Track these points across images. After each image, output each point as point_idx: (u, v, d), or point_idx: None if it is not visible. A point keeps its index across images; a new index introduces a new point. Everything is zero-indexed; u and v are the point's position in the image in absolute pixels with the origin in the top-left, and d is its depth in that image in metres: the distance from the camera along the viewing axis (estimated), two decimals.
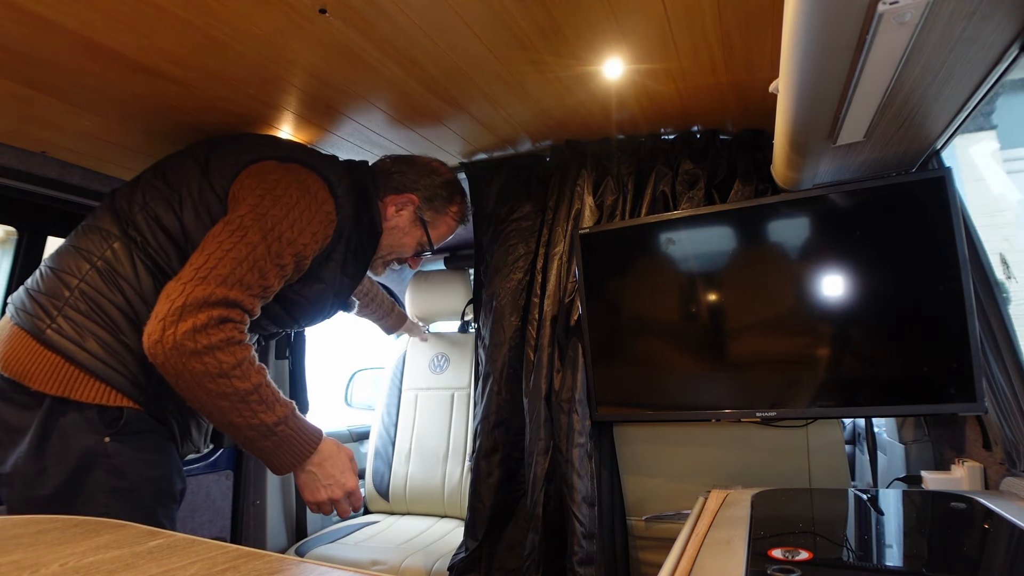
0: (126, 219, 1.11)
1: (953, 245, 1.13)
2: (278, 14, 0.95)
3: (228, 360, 0.95)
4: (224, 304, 0.96)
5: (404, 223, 1.35)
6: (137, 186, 1.16)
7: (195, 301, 0.94)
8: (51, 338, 1.01)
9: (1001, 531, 0.87)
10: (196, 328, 0.93)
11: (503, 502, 1.55)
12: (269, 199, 1.06)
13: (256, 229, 1.02)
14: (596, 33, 1.06)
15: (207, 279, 0.96)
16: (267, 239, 1.03)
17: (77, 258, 1.08)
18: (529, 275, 1.63)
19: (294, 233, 1.06)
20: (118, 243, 1.09)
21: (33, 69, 1.07)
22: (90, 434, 1.01)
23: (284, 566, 0.55)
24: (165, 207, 1.10)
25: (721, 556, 0.81)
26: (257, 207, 1.05)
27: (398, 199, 1.33)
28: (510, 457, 1.57)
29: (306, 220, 1.08)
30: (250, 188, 1.08)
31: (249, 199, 1.06)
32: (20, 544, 0.63)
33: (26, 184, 1.44)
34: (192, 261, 0.99)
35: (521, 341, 1.59)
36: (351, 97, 1.27)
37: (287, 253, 1.06)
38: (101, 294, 1.05)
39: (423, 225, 1.37)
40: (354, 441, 2.67)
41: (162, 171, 1.16)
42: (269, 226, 1.04)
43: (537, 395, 1.52)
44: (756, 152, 1.44)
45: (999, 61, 0.79)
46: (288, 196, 1.07)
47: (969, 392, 1.11)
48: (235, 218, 1.04)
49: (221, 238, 1.01)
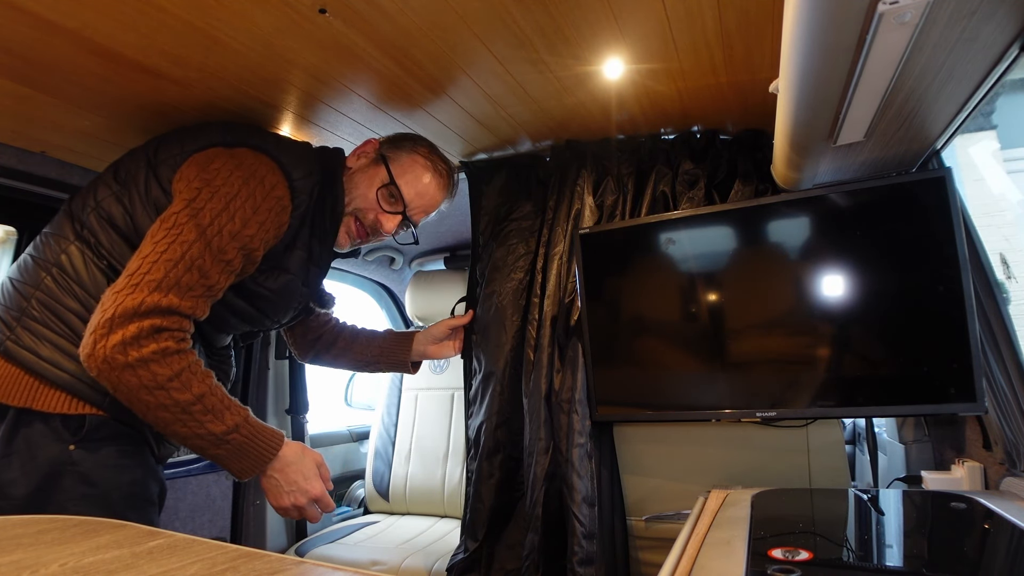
0: (79, 221, 1.08)
1: (953, 245, 1.13)
2: (278, 14, 0.95)
3: (163, 372, 0.92)
4: (156, 312, 0.92)
5: (363, 165, 1.25)
6: (92, 187, 1.12)
7: (124, 312, 0.90)
8: (11, 350, 1.00)
9: (1001, 531, 0.87)
10: (125, 341, 0.89)
11: (503, 502, 1.55)
12: (207, 191, 1.00)
13: (191, 226, 0.97)
14: (596, 33, 1.06)
15: (139, 286, 0.92)
16: (205, 235, 0.97)
17: (35, 268, 1.06)
18: (529, 275, 1.63)
19: (236, 225, 1.00)
20: (72, 247, 1.06)
21: (33, 69, 1.07)
22: (55, 443, 1.00)
23: (284, 566, 0.55)
24: (116, 204, 1.07)
25: (721, 556, 0.81)
26: (193, 201, 0.99)
27: (359, 148, 1.27)
28: (511, 457, 1.57)
29: (251, 208, 1.02)
30: (187, 180, 1.02)
31: (185, 193, 1.01)
32: (20, 544, 0.63)
33: (26, 184, 1.44)
34: (128, 266, 0.96)
35: (521, 341, 1.59)
36: (351, 97, 1.27)
37: (231, 247, 1.00)
38: (57, 301, 1.03)
39: (384, 161, 1.24)
40: (354, 441, 2.67)
41: (114, 169, 1.13)
42: (207, 221, 0.98)
43: (537, 395, 1.52)
44: (756, 152, 1.44)
45: (999, 61, 0.79)
46: (229, 185, 1.01)
47: (969, 392, 1.11)
48: (170, 215, 0.99)
49: (156, 238, 0.97)
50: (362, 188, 1.24)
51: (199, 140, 1.11)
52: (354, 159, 1.27)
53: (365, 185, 1.24)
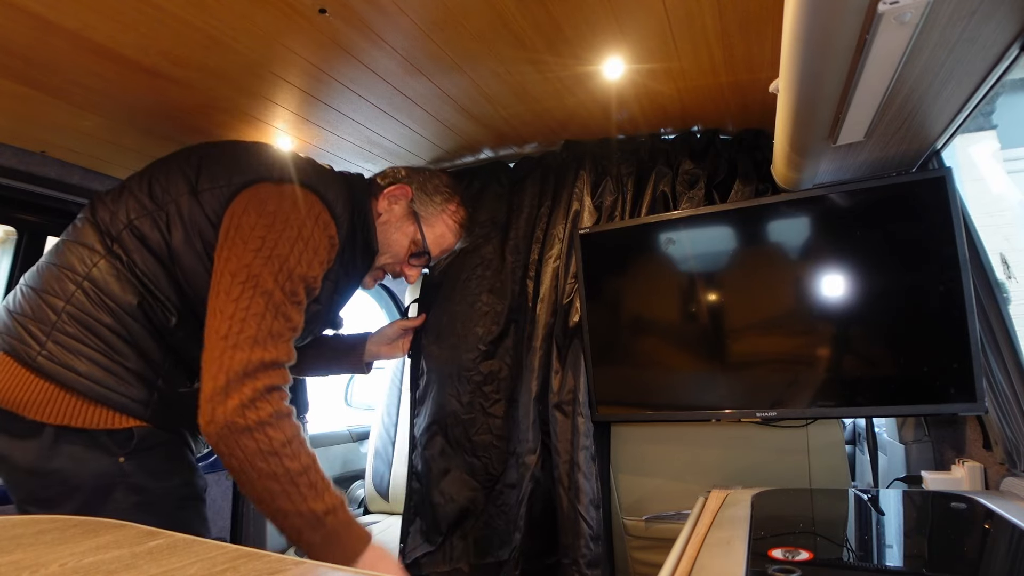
0: (109, 235, 1.05)
1: (953, 245, 1.13)
2: (278, 14, 0.95)
3: (278, 436, 0.92)
4: (264, 368, 0.93)
5: (396, 217, 1.27)
6: (121, 198, 1.09)
7: (236, 375, 0.91)
8: (44, 365, 0.97)
9: (1001, 531, 0.87)
10: (244, 403, 0.90)
11: (468, 499, 1.56)
12: (272, 236, 1.00)
13: (267, 274, 0.98)
14: (596, 33, 1.06)
15: (238, 345, 0.92)
16: (279, 280, 0.98)
17: (61, 278, 1.03)
18: (522, 275, 1.63)
19: (303, 267, 1.02)
20: (103, 261, 1.03)
21: (33, 69, 1.07)
22: (104, 457, 0.98)
23: (284, 566, 0.55)
24: (151, 226, 1.05)
25: (721, 556, 0.81)
26: (261, 250, 0.99)
27: (391, 191, 1.26)
28: (471, 455, 1.58)
29: (312, 250, 1.04)
30: (249, 226, 1.01)
31: (250, 241, 1.00)
32: (20, 544, 0.63)
33: (26, 184, 1.44)
34: (216, 328, 0.94)
35: (490, 342, 1.60)
36: (351, 96, 1.27)
37: (300, 289, 1.02)
38: (90, 316, 1.00)
39: (416, 220, 1.28)
40: (354, 441, 2.67)
41: (147, 183, 1.09)
42: (278, 267, 0.99)
43: (527, 396, 1.52)
44: (756, 152, 1.44)
45: (999, 61, 0.79)
46: (290, 228, 1.02)
47: (969, 392, 1.11)
48: (242, 268, 0.98)
49: (234, 294, 0.96)
50: (394, 247, 1.28)
51: (246, 173, 1.08)
52: (385, 204, 1.27)
53: (397, 244, 1.28)
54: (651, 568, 1.46)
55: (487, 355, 1.61)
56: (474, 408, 1.59)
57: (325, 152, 1.56)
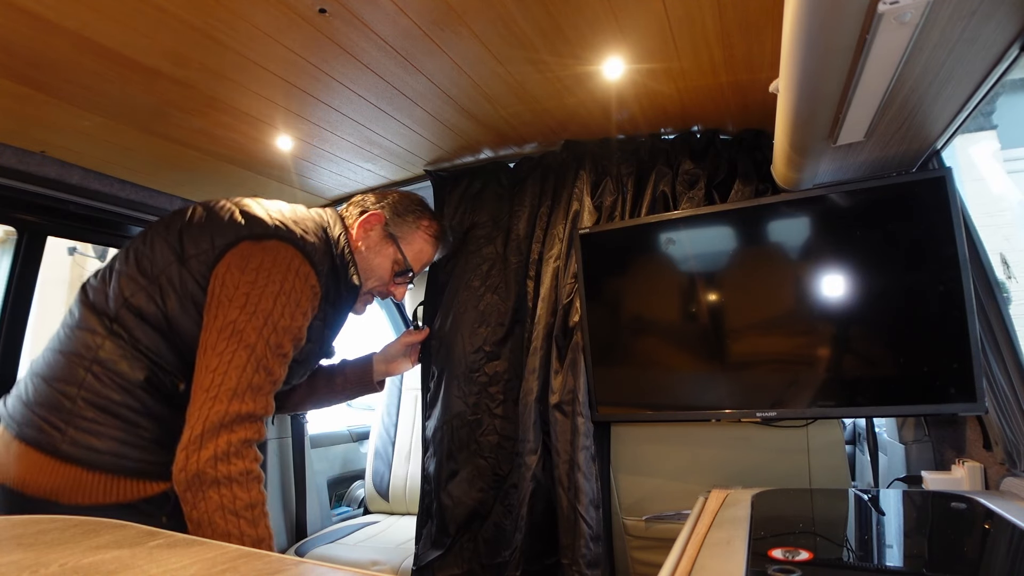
0: (107, 316, 1.07)
1: (953, 245, 1.13)
2: (277, 14, 0.95)
3: (243, 497, 0.94)
4: (240, 420, 0.96)
5: (374, 243, 1.31)
6: (110, 279, 1.11)
7: (211, 426, 0.93)
8: (69, 451, 0.99)
9: (1001, 531, 0.87)
10: (217, 456, 0.93)
11: (476, 500, 1.56)
12: (255, 292, 1.04)
13: (249, 329, 1.01)
14: (596, 33, 1.06)
15: (218, 397, 0.95)
16: (263, 334, 1.02)
17: (70, 366, 1.04)
18: (523, 275, 1.63)
19: (287, 320, 1.05)
20: (107, 342, 1.05)
21: (33, 69, 1.07)
22: (146, 521, 0.99)
23: (284, 566, 0.55)
24: (147, 300, 1.07)
25: (721, 556, 0.81)
26: (245, 306, 1.02)
27: (365, 221, 1.29)
28: (478, 456, 1.58)
29: (295, 303, 1.07)
30: (233, 284, 1.04)
31: (235, 298, 1.03)
32: (20, 544, 0.63)
33: (26, 184, 1.44)
34: (200, 382, 0.98)
35: (495, 343, 1.61)
36: (350, 96, 1.27)
37: (285, 341, 1.05)
38: (105, 398, 1.02)
39: (394, 241, 1.33)
40: (354, 441, 2.67)
41: (134, 260, 1.11)
42: (262, 321, 1.02)
43: (528, 396, 1.52)
44: (756, 152, 1.44)
45: (999, 61, 0.79)
46: (272, 283, 1.05)
47: (969, 392, 1.11)
48: (227, 324, 1.01)
49: (219, 349, 0.99)
50: (378, 271, 1.32)
51: (227, 234, 1.10)
52: (362, 233, 1.29)
53: (381, 268, 1.32)
54: (651, 568, 1.46)
55: (492, 356, 1.61)
56: (480, 409, 1.60)
57: (325, 152, 1.56)
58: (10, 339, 1.49)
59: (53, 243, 1.59)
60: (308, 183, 1.78)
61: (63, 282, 5.73)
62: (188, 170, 1.58)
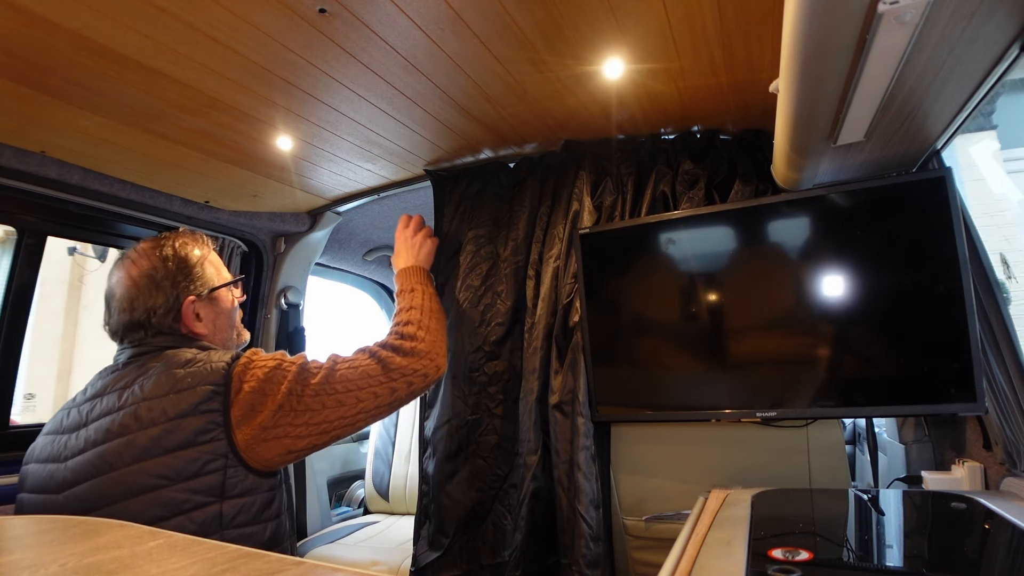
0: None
1: (953, 245, 1.13)
2: (277, 14, 0.95)
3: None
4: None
5: (206, 313, 1.22)
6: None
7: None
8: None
9: (1001, 531, 0.87)
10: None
11: (473, 500, 1.56)
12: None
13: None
14: (596, 33, 1.06)
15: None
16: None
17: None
18: (522, 276, 1.63)
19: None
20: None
21: (33, 69, 1.07)
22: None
23: (284, 566, 0.55)
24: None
25: (721, 556, 0.81)
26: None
27: (185, 315, 1.18)
28: (476, 456, 1.58)
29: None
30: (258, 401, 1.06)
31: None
32: (20, 544, 0.63)
33: (26, 184, 1.44)
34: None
35: (495, 343, 1.61)
36: (350, 96, 1.27)
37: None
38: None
39: (209, 292, 1.23)
40: (354, 441, 2.67)
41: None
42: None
43: (528, 397, 1.52)
44: (756, 152, 1.44)
45: (999, 61, 0.79)
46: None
47: (969, 392, 1.11)
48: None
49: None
50: (228, 316, 1.28)
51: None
52: (193, 320, 1.19)
53: (226, 314, 1.27)
54: (651, 568, 1.46)
55: (491, 356, 1.61)
56: (480, 409, 1.60)
57: (325, 152, 1.56)
58: (10, 339, 1.49)
59: (53, 243, 1.59)
60: (308, 183, 1.78)
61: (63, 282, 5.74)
62: (188, 170, 1.58)
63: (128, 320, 1.15)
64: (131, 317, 1.14)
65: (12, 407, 1.52)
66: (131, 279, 1.16)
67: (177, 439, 0.99)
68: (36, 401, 5.35)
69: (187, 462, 0.98)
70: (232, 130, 1.37)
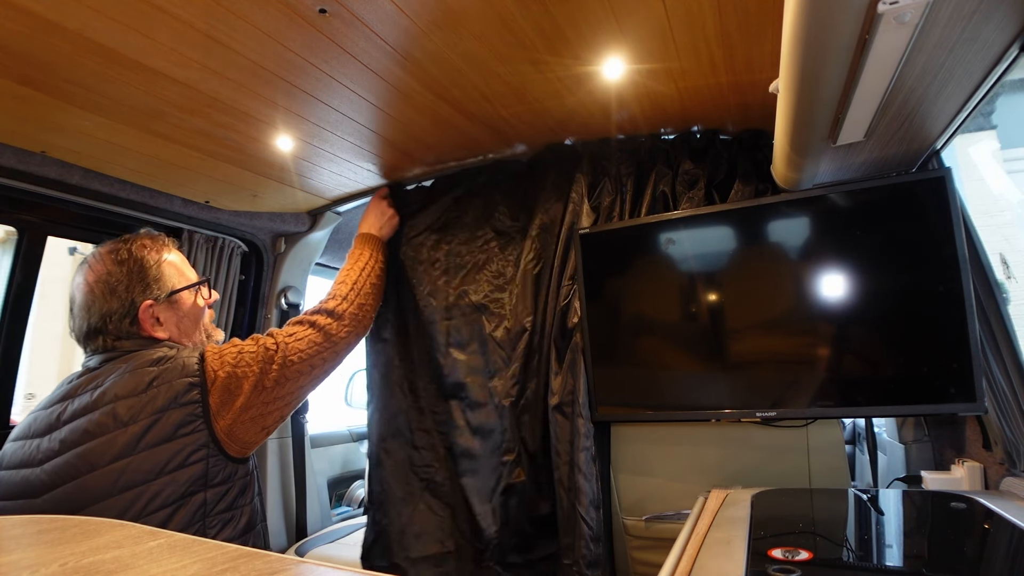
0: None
1: (953, 245, 1.13)
2: (277, 14, 0.95)
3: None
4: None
5: (168, 317, 1.19)
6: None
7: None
8: None
9: (1001, 531, 0.87)
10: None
11: (405, 491, 1.63)
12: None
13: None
14: (596, 33, 1.06)
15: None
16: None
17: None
18: (523, 276, 1.63)
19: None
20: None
21: (33, 69, 1.07)
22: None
23: (284, 566, 0.55)
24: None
25: (721, 556, 0.81)
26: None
27: (142, 319, 1.15)
28: (410, 445, 1.67)
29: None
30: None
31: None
32: (20, 544, 0.63)
33: (26, 184, 1.44)
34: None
35: (441, 342, 1.65)
36: (350, 96, 1.27)
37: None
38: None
39: (169, 295, 1.20)
40: (354, 441, 2.66)
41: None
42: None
43: (528, 398, 1.55)
44: (756, 152, 1.44)
45: (999, 61, 0.79)
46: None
47: (969, 392, 1.11)
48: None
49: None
50: (193, 317, 1.25)
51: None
52: (152, 325, 1.17)
53: (192, 315, 1.24)
54: (651, 568, 1.46)
55: (459, 359, 1.64)
56: (445, 414, 1.65)
57: (325, 152, 1.56)
58: (10, 339, 1.49)
59: (53, 243, 1.59)
60: (308, 183, 1.78)
61: (63, 282, 5.74)
62: (188, 170, 1.58)
63: (87, 327, 1.14)
64: (89, 324, 1.13)
65: (12, 407, 1.53)
66: (88, 285, 1.14)
67: (159, 434, 1.00)
68: (36, 401, 5.35)
69: (170, 455, 1.00)
70: (232, 130, 1.37)
